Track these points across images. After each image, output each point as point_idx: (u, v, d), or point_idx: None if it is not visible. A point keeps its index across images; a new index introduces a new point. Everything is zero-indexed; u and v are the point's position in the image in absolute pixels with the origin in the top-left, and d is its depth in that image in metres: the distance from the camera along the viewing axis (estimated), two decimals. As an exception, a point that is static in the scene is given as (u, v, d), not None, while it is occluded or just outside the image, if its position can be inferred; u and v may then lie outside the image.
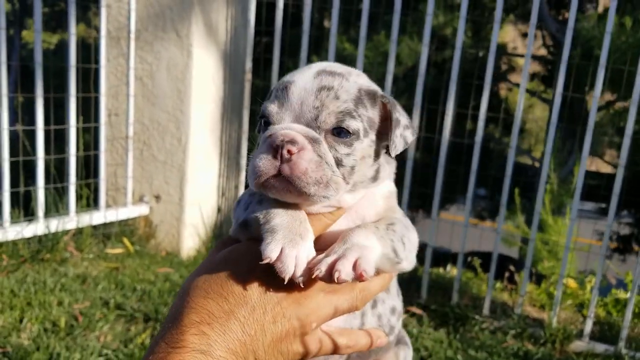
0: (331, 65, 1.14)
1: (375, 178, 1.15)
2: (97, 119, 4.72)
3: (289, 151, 1.00)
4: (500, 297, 5.05)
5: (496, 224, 9.09)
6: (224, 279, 1.00)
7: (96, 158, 4.80)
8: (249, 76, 5.03)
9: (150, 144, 4.89)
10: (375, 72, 8.22)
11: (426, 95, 4.94)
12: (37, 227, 4.37)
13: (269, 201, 1.09)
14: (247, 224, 1.10)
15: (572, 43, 4.01)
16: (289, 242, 0.98)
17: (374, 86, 1.17)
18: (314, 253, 1.02)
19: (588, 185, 7.53)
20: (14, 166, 4.36)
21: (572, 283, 5.86)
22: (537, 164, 10.93)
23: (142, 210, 4.96)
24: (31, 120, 4.35)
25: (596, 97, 3.93)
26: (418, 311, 4.46)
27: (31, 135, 4.38)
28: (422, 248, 4.84)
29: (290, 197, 1.04)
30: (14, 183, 4.35)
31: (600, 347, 4.05)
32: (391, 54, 4.46)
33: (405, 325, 4.20)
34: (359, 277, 0.96)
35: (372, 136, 1.11)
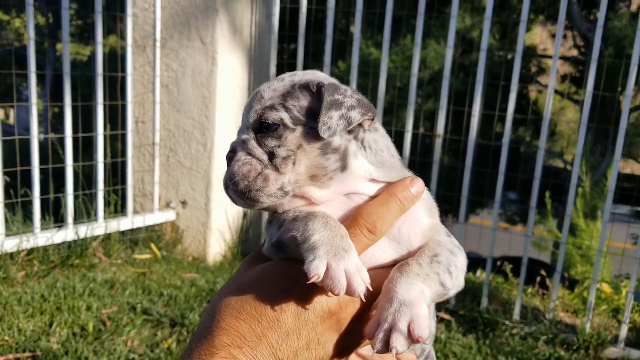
0: (308, 74, 1.14)
1: (343, 168, 1.07)
2: (124, 126, 4.79)
3: (229, 159, 1.08)
4: (531, 303, 4.94)
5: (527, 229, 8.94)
6: (258, 300, 0.95)
7: (124, 165, 4.86)
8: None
9: (176, 151, 4.94)
10: (401, 76, 8.17)
11: (452, 97, 4.88)
12: (67, 234, 4.44)
13: (305, 219, 1.04)
14: (281, 244, 1.04)
15: (604, 42, 3.93)
16: (334, 257, 0.93)
17: (310, 77, 1.12)
18: (362, 266, 0.96)
19: (622, 188, 7.34)
20: (44, 174, 4.45)
21: (606, 288, 5.71)
22: (569, 168, 10.71)
23: (168, 216, 5.01)
24: (63, 129, 4.43)
25: (628, 96, 3.83)
26: (447, 317, 4.38)
27: (61, 144, 4.46)
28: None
29: (238, 202, 1.07)
30: (44, 190, 4.43)
31: (636, 354, 3.92)
32: (415, 56, 4.42)
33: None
34: (415, 343, 0.93)
35: (314, 124, 1.05)
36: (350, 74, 4.64)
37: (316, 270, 0.91)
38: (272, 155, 1.04)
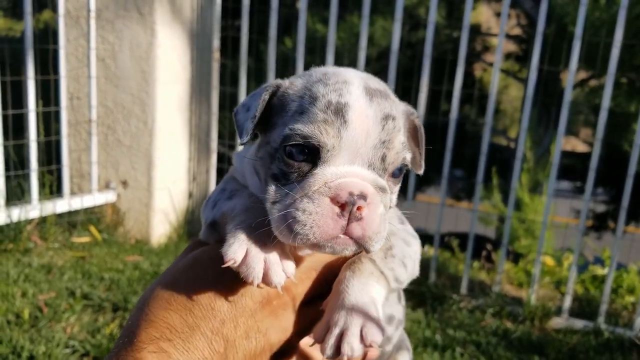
0: (370, 79, 0.95)
1: None
2: (57, 102, 4.52)
3: (358, 208, 0.83)
4: (478, 277, 5.01)
5: (473, 204, 9.11)
6: (189, 288, 0.86)
7: (58, 144, 4.61)
8: (217, 55, 4.87)
9: (115, 128, 4.71)
10: (349, 53, 8.09)
11: (400, 74, 4.84)
12: (-2, 217, 4.19)
13: (240, 197, 0.96)
14: (214, 224, 0.96)
15: (547, 20, 3.93)
16: (256, 243, 0.84)
17: (408, 105, 1.03)
18: (288, 255, 0.88)
19: (564, 164, 7.53)
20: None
21: (549, 261, 5.86)
22: (512, 145, 10.94)
23: (108, 197, 4.79)
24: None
25: (572, 71, 3.86)
26: (395, 292, 4.38)
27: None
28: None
29: (346, 253, 0.87)
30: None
31: (579, 323, 4.02)
32: (362, 31, 4.34)
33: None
34: (368, 348, 0.86)
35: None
36: (297, 50, 4.52)
37: (233, 254, 0.83)
38: (387, 203, 0.90)
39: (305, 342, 0.93)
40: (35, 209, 4.38)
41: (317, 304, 0.93)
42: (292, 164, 0.87)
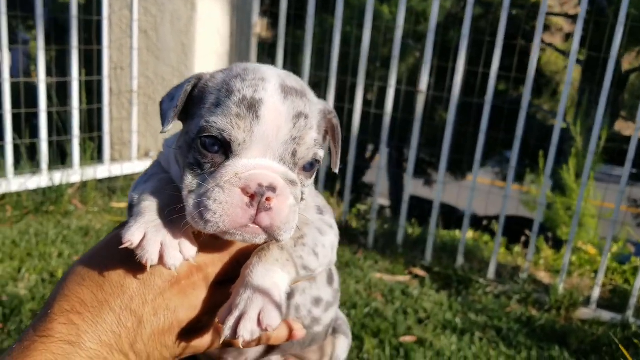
0: (288, 77, 0.98)
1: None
2: (100, 72, 4.68)
3: (267, 199, 0.86)
4: (513, 262, 4.91)
5: (523, 187, 8.85)
6: (103, 265, 0.91)
7: (100, 112, 4.78)
8: (256, 30, 4.90)
9: (155, 99, 4.84)
10: (407, 30, 7.98)
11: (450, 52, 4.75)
12: (41, 180, 4.41)
13: (153, 181, 1.00)
14: (130, 206, 0.99)
15: (608, 0, 3.77)
16: (154, 227, 0.88)
17: (324, 102, 1.05)
18: (189, 239, 0.91)
19: (619, 150, 7.20)
20: (17, 118, 4.38)
21: (591, 249, 5.68)
22: (570, 128, 10.54)
23: (147, 165, 4.94)
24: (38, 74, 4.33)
25: (613, 56, 3.69)
26: (421, 273, 4.37)
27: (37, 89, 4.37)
28: (427, 211, 4.71)
29: (257, 240, 0.90)
30: (19, 135, 4.37)
31: (607, 315, 3.90)
32: (400, 6, 4.28)
33: (406, 287, 4.12)
34: (264, 331, 0.89)
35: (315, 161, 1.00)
36: (334, 25, 4.49)
37: (130, 236, 0.87)
38: (298, 196, 0.94)
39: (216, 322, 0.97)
40: (76, 173, 4.58)
41: (229, 285, 0.96)
42: (206, 155, 0.91)
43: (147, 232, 0.88)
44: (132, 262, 0.88)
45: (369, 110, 5.61)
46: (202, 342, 0.96)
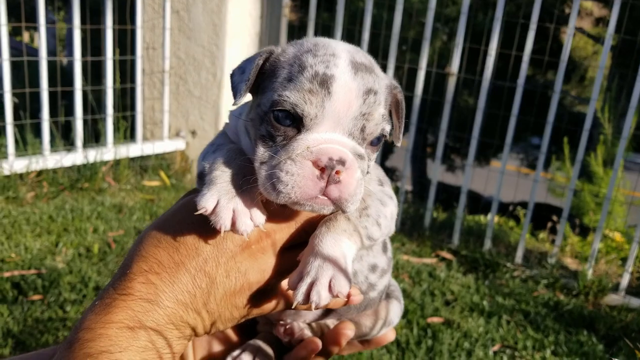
0: (357, 52, 1.00)
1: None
2: (133, 52, 4.74)
3: (337, 172, 0.89)
4: (540, 248, 4.91)
5: (550, 174, 8.77)
6: (178, 229, 0.95)
7: (133, 91, 4.85)
8: (286, 11, 4.92)
9: (186, 79, 4.90)
10: (437, 13, 7.91)
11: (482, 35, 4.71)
12: (76, 157, 4.50)
13: (222, 150, 1.03)
14: (201, 175, 1.03)
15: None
16: (226, 194, 0.92)
17: (390, 77, 1.07)
18: (259, 206, 0.95)
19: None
20: (53, 96, 4.47)
21: (618, 236, 5.64)
22: (599, 115, 10.40)
23: (178, 145, 5.02)
24: (70, 52, 4.41)
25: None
26: (448, 256, 4.39)
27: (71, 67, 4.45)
28: (455, 195, 4.73)
29: (325, 211, 0.93)
30: (55, 113, 4.47)
31: (636, 302, 3.89)
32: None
33: (433, 269, 4.15)
34: (335, 297, 0.93)
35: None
36: (365, 7, 4.48)
37: (205, 203, 0.91)
38: (364, 169, 0.97)
39: (284, 286, 1.01)
40: (110, 151, 4.67)
41: (296, 251, 1.00)
42: (279, 128, 0.93)
43: (220, 199, 0.91)
44: (205, 227, 0.92)
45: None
46: (269, 305, 1.01)
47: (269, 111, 0.94)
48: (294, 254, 0.99)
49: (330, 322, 1.23)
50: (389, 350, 3.18)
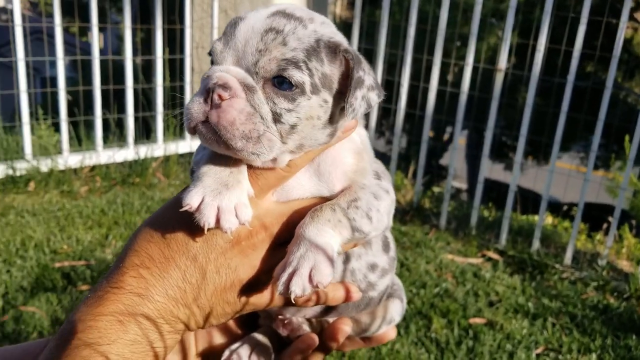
0: (293, 7, 1.00)
1: (330, 140, 1.02)
2: (183, 51, 4.86)
3: (219, 96, 0.90)
4: (593, 249, 4.74)
5: (610, 174, 8.46)
6: (169, 225, 0.96)
7: (182, 89, 4.97)
8: (332, 8, 4.93)
9: (233, 77, 4.98)
10: (484, 6, 7.76)
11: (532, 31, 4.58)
12: (128, 153, 4.66)
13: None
14: (192, 170, 1.04)
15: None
16: (211, 192, 0.92)
17: (338, 38, 1.01)
18: (245, 204, 0.95)
19: None
20: (106, 95, 4.64)
21: (679, 240, 5.38)
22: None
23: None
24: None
25: None
26: (495, 256, 4.30)
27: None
28: (503, 195, 4.61)
29: (218, 148, 0.93)
30: (107, 111, 4.64)
31: (692, 308, 3.71)
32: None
33: (479, 269, 4.08)
34: (315, 288, 0.92)
35: (326, 96, 0.98)
36: (411, 3, 4.44)
37: (190, 200, 0.91)
38: (277, 117, 0.95)
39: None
40: (160, 148, 4.81)
41: (286, 246, 0.99)
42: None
43: (204, 196, 0.92)
44: (194, 224, 0.93)
45: (445, 89, 5.53)
46: (262, 299, 1.01)
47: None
48: (285, 249, 1.00)
49: (331, 319, 1.23)
50: (427, 350, 3.15)
